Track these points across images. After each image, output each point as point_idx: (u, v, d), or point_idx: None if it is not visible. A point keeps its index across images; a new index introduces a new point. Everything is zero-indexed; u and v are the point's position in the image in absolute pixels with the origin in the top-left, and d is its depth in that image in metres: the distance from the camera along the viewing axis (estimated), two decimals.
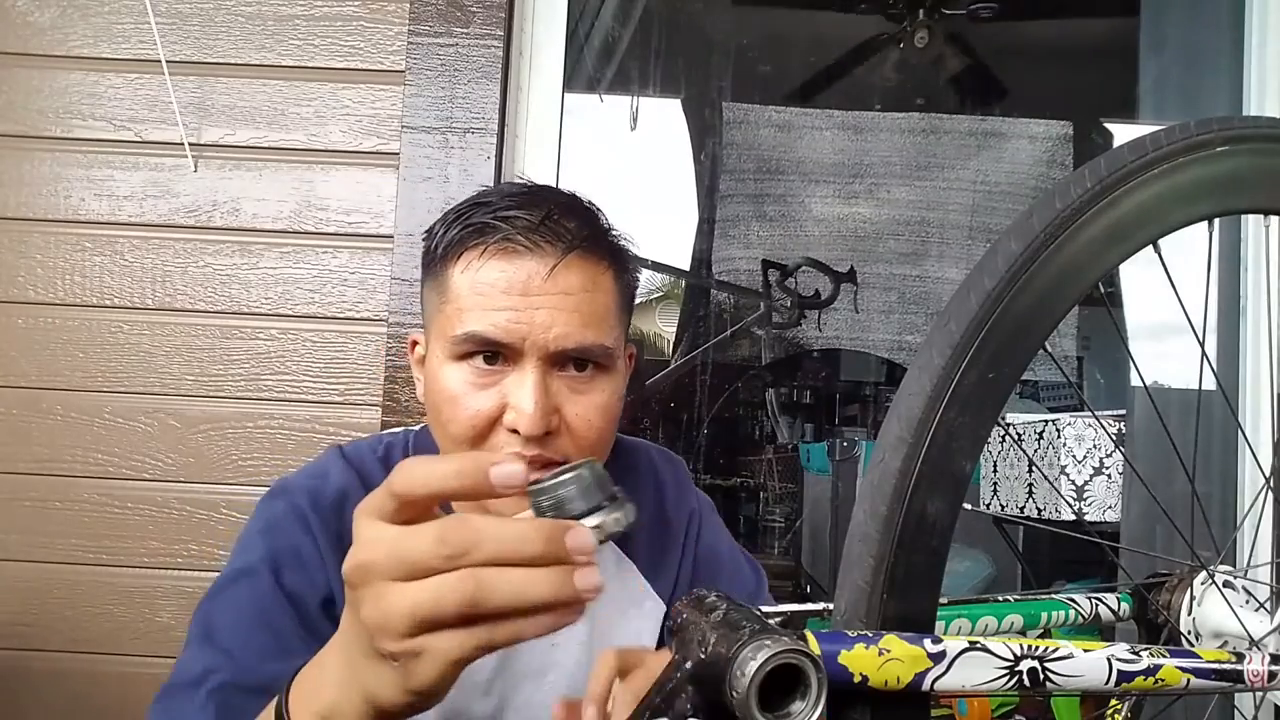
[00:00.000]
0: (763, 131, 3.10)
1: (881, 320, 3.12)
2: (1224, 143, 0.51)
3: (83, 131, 1.37)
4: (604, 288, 0.75)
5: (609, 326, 0.75)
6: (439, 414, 0.74)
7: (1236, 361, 1.53)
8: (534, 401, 0.70)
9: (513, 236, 0.71)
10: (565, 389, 0.73)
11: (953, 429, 0.47)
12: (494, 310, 0.71)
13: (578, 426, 0.73)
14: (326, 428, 1.34)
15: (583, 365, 0.74)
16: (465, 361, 0.73)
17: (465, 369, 0.72)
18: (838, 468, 3.07)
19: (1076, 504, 2.02)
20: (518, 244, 0.71)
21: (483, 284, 0.71)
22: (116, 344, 1.35)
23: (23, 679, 1.32)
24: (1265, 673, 0.52)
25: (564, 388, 0.73)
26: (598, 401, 0.74)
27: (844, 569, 0.48)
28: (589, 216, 0.77)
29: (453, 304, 0.73)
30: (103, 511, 1.33)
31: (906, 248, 3.10)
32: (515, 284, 0.71)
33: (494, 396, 0.72)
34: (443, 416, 0.73)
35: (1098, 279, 0.50)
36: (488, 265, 0.72)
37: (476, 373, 0.72)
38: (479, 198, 0.76)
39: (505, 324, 0.70)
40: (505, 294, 0.71)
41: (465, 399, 0.72)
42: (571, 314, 0.71)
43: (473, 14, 1.36)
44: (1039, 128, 3.05)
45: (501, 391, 0.72)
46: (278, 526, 0.75)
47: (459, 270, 0.73)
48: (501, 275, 0.71)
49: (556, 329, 0.71)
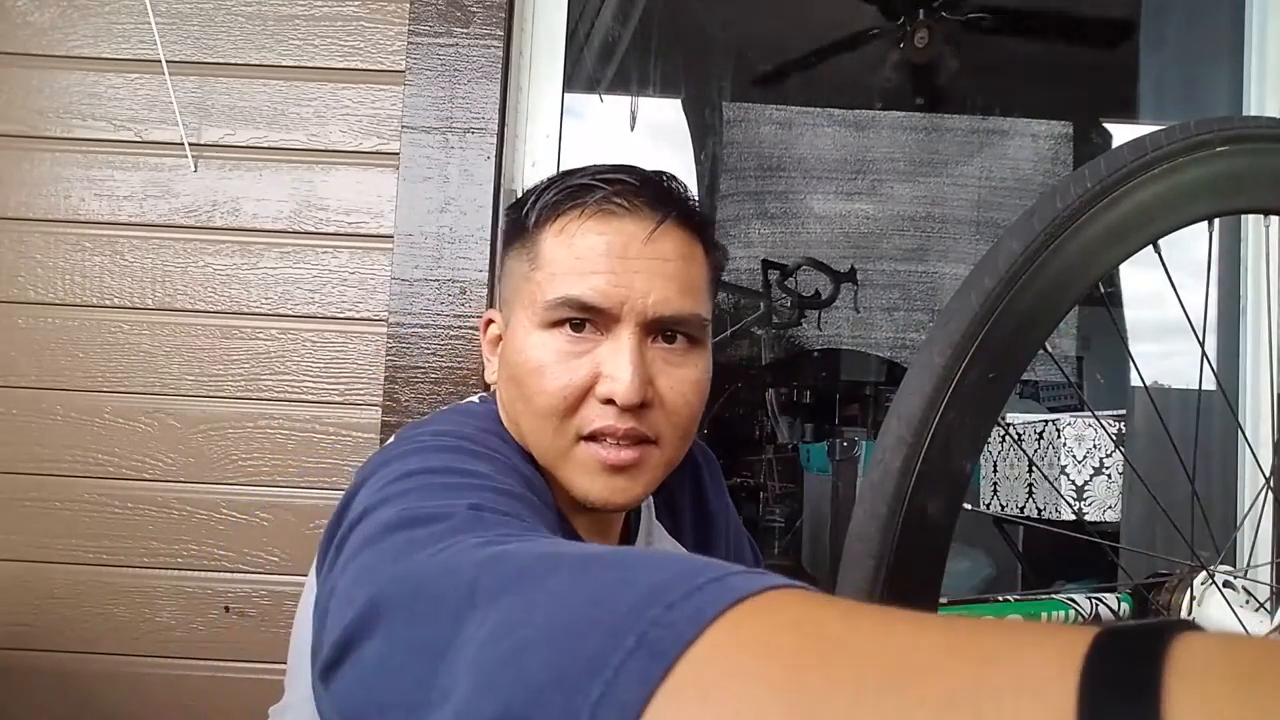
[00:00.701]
0: (763, 130, 3.10)
1: (882, 320, 3.12)
2: (1224, 143, 0.51)
3: (83, 131, 1.37)
4: (698, 259, 0.73)
5: (703, 298, 0.72)
6: (525, 388, 0.70)
7: (1236, 361, 1.53)
8: (632, 367, 0.66)
9: (611, 198, 0.69)
10: (660, 360, 0.70)
11: (953, 429, 0.47)
12: (592, 273, 0.68)
13: (672, 400, 0.70)
14: (326, 428, 1.34)
15: (673, 337, 0.70)
16: (555, 330, 0.69)
17: (556, 337, 0.69)
18: (838, 468, 3.07)
19: (1076, 504, 2.02)
20: (616, 205, 0.69)
21: (580, 246, 0.69)
22: (116, 344, 1.35)
23: (23, 679, 1.32)
24: None
25: (658, 359, 0.70)
26: (691, 376, 0.71)
27: (844, 569, 0.48)
28: (682, 189, 0.74)
29: (545, 269, 0.70)
30: (103, 511, 1.33)
31: (907, 246, 3.10)
32: (614, 247, 0.68)
33: (587, 365, 0.68)
34: (529, 390, 0.69)
35: (1098, 279, 0.50)
36: (585, 227, 0.69)
37: (568, 340, 0.69)
38: (569, 171, 0.74)
39: (604, 287, 0.67)
40: (604, 256, 0.68)
41: (555, 368, 0.68)
42: (669, 280, 0.69)
43: (473, 14, 1.36)
44: (1039, 127, 3.05)
45: (595, 360, 0.68)
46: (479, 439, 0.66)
47: (553, 234, 0.70)
48: (600, 238, 0.68)
49: (655, 294, 0.68)
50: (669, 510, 0.88)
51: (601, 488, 0.69)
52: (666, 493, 0.87)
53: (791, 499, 3.70)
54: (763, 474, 3.86)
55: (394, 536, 0.47)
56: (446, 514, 0.47)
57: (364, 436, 1.33)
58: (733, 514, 0.95)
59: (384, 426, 1.30)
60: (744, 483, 3.85)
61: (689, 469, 0.91)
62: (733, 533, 0.93)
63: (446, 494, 0.51)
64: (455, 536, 0.44)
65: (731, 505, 0.95)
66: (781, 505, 3.77)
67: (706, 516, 0.90)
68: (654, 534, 0.85)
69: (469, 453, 0.61)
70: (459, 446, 0.62)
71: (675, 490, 0.89)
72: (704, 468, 0.93)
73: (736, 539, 0.94)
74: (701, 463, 0.93)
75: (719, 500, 0.92)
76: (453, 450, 0.61)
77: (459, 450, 0.61)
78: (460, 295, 1.33)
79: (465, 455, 0.61)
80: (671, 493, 0.88)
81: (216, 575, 1.33)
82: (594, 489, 0.69)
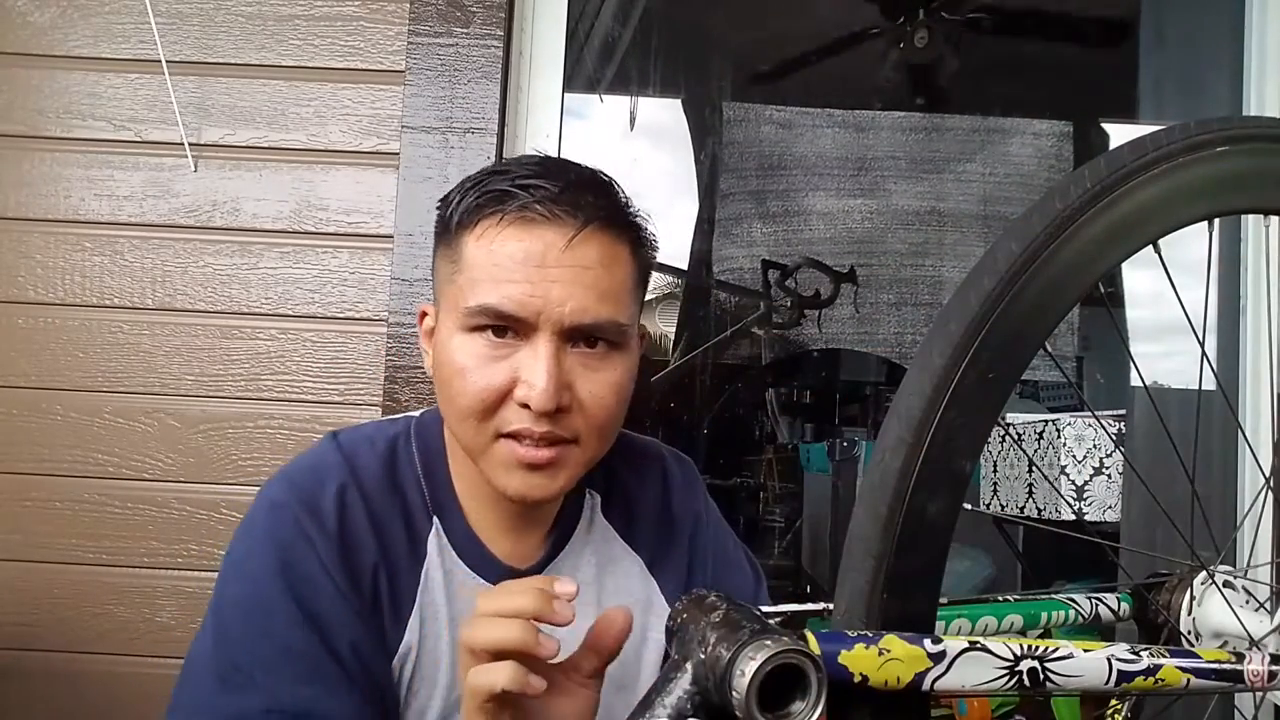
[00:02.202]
0: (763, 130, 3.10)
1: (882, 319, 3.12)
2: (1224, 143, 0.51)
3: (83, 131, 1.37)
4: (621, 263, 0.73)
5: (625, 303, 0.73)
6: (448, 387, 0.73)
7: (1236, 361, 1.53)
8: (547, 375, 0.68)
9: (531, 205, 0.69)
10: (578, 365, 0.71)
11: (953, 429, 0.47)
12: (508, 282, 0.69)
13: (589, 404, 0.72)
14: (326, 428, 1.33)
15: (594, 342, 0.72)
16: (476, 334, 0.71)
17: (476, 341, 0.71)
18: (838, 468, 3.07)
19: (1076, 504, 2.02)
20: (535, 213, 0.69)
21: (498, 254, 0.69)
22: (116, 344, 1.35)
23: (23, 679, 1.32)
24: (1265, 673, 0.52)
25: (577, 364, 0.71)
26: (610, 379, 0.73)
27: (844, 569, 0.48)
28: (608, 190, 0.75)
29: (466, 274, 0.71)
30: (103, 511, 1.33)
31: (906, 246, 3.09)
32: (532, 255, 0.69)
33: (505, 370, 0.70)
34: (452, 390, 0.72)
35: (1098, 279, 0.50)
36: (503, 234, 0.70)
37: (488, 345, 0.70)
38: (496, 166, 0.75)
39: (520, 296, 0.69)
40: (521, 265, 0.69)
41: (475, 372, 0.70)
42: (588, 289, 0.70)
43: (473, 14, 1.36)
44: (1040, 126, 3.04)
45: (513, 365, 0.70)
46: (287, 545, 0.72)
47: (474, 239, 0.71)
48: (519, 246, 0.69)
49: (572, 303, 0.69)
50: (623, 511, 0.86)
51: (519, 483, 0.72)
52: (621, 491, 0.87)
53: (791, 499, 3.69)
54: (763, 474, 3.85)
55: None
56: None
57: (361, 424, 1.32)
58: (713, 525, 0.91)
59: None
60: (744, 483, 3.84)
61: (655, 475, 0.89)
62: (706, 541, 0.90)
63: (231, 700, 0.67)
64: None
65: (715, 518, 0.92)
66: (781, 505, 3.76)
67: (669, 518, 0.88)
68: (596, 531, 0.84)
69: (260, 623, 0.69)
70: (256, 610, 0.70)
71: (634, 490, 0.87)
72: (674, 472, 0.91)
73: (717, 549, 0.90)
74: (671, 465, 0.91)
75: (686, 506, 0.89)
76: (250, 632, 0.70)
77: (254, 631, 0.69)
78: None
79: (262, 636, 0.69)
80: (628, 493, 0.87)
81: (216, 575, 1.33)
82: (511, 484, 0.72)
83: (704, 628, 0.46)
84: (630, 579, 0.85)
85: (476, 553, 0.78)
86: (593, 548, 0.83)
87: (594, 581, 0.82)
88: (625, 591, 0.83)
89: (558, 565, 0.81)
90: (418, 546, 0.76)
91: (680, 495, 0.90)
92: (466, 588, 0.76)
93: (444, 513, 0.78)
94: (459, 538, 0.78)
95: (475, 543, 0.78)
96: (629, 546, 0.86)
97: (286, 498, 0.74)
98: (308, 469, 0.76)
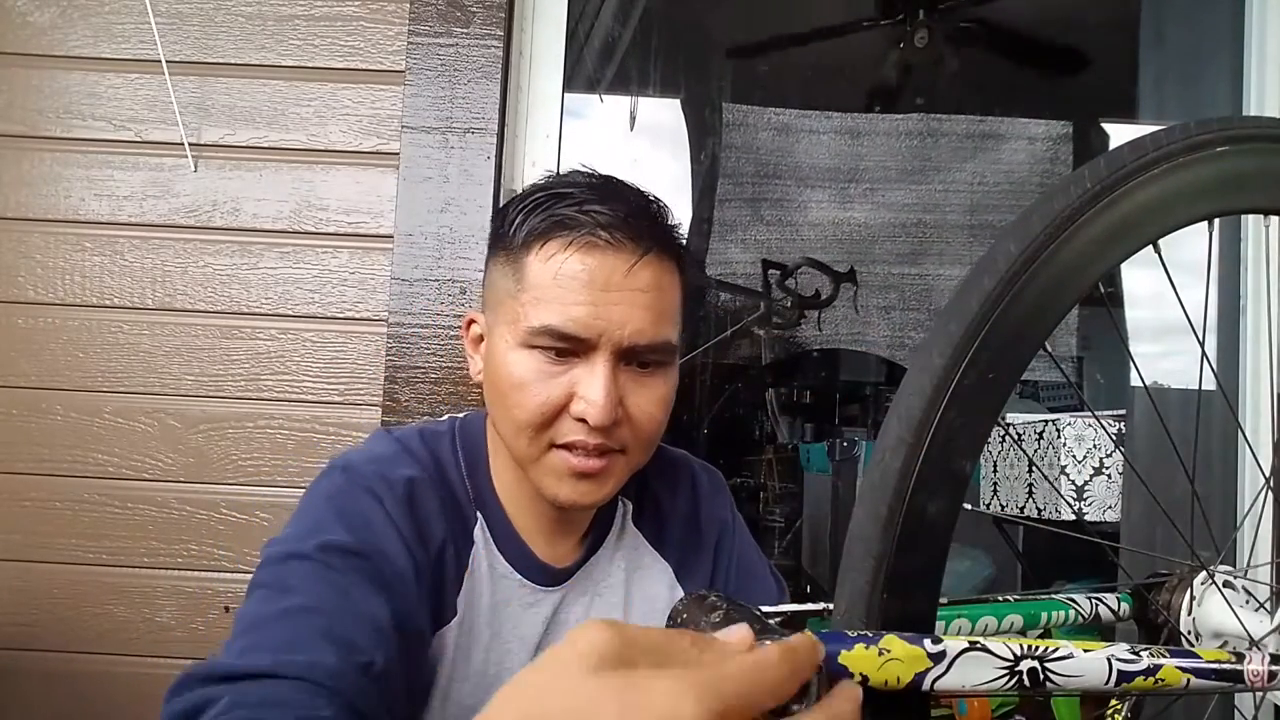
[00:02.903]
0: (762, 131, 3.10)
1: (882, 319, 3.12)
2: (1224, 143, 0.51)
3: (83, 131, 1.37)
4: (672, 286, 0.78)
5: (675, 324, 0.78)
6: (505, 399, 0.76)
7: (1236, 361, 1.53)
8: (604, 393, 0.73)
9: (596, 231, 0.73)
10: (629, 381, 0.76)
11: (953, 429, 0.47)
12: (574, 305, 0.73)
13: (638, 417, 0.76)
14: (326, 428, 1.34)
15: (645, 362, 0.76)
16: (536, 350, 0.75)
17: (536, 357, 0.75)
18: (838, 468, 3.07)
19: (1076, 504, 2.02)
20: (600, 239, 0.73)
21: (564, 277, 0.73)
22: (116, 344, 1.35)
23: (23, 679, 1.32)
24: (1265, 673, 0.52)
25: (628, 380, 0.76)
26: (658, 394, 0.77)
27: (844, 569, 0.48)
28: (661, 217, 0.79)
29: (530, 293, 0.75)
30: (103, 511, 1.33)
31: (906, 247, 3.10)
32: (596, 279, 0.73)
33: (563, 385, 0.74)
34: (509, 401, 0.76)
35: (1098, 279, 0.50)
36: (570, 257, 0.73)
37: (547, 361, 0.74)
38: (557, 187, 0.78)
39: (584, 319, 0.73)
40: (585, 288, 0.73)
41: (535, 386, 0.74)
42: (645, 311, 0.74)
43: (473, 14, 1.36)
44: (1039, 128, 3.05)
45: (570, 381, 0.74)
46: (363, 520, 0.72)
47: (540, 260, 0.75)
48: (583, 269, 0.73)
49: (631, 326, 0.73)
50: (653, 517, 0.90)
51: (569, 490, 0.76)
52: (652, 500, 0.90)
53: (791, 499, 3.69)
54: (763, 474, 3.85)
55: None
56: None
57: (364, 436, 1.32)
58: (738, 534, 0.94)
59: (384, 426, 1.30)
60: (744, 483, 3.84)
61: (685, 483, 0.93)
62: (731, 549, 0.92)
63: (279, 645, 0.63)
64: None
65: (740, 528, 0.95)
66: (781, 505, 3.76)
67: (696, 527, 0.92)
68: (627, 538, 0.88)
69: (336, 570, 0.68)
70: (325, 566, 0.68)
71: (664, 500, 0.91)
72: (703, 482, 0.94)
73: (741, 558, 0.93)
74: (701, 477, 0.94)
75: (713, 513, 0.93)
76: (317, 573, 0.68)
77: (325, 571, 0.68)
78: (460, 295, 1.33)
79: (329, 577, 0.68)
80: (659, 502, 0.91)
81: (216, 575, 1.33)
82: (562, 491, 0.76)
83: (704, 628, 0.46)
84: (658, 585, 0.88)
85: (516, 550, 0.81)
86: (623, 553, 0.87)
87: (622, 586, 0.86)
88: (652, 597, 0.87)
89: (590, 569, 0.85)
90: (468, 533, 0.80)
91: (708, 505, 0.93)
92: (507, 580, 0.80)
93: (486, 510, 0.81)
94: (500, 534, 0.81)
95: (516, 540, 0.81)
96: (658, 554, 0.89)
97: (357, 463, 0.77)
98: (367, 453, 0.79)
